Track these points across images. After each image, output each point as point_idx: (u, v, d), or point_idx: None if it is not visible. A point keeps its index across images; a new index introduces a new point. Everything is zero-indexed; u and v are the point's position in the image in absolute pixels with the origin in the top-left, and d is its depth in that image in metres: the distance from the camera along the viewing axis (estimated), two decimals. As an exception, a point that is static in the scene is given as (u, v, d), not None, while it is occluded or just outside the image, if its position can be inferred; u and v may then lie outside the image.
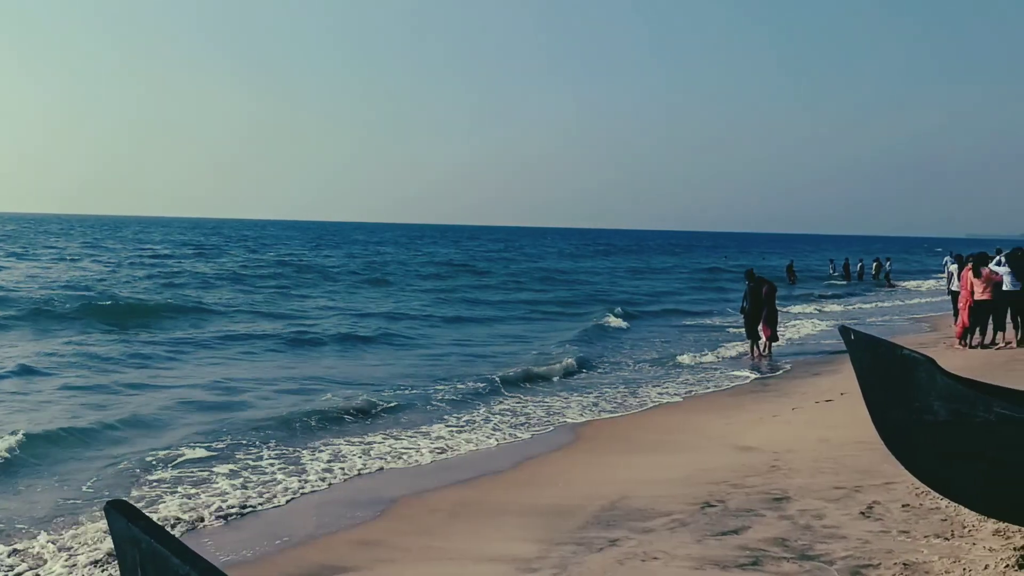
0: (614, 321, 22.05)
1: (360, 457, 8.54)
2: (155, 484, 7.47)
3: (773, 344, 16.23)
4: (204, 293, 27.19)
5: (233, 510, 6.83)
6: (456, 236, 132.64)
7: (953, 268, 17.76)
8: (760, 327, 16.08)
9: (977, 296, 14.44)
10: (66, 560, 5.69)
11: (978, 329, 14.76)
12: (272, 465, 8.14)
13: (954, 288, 17.16)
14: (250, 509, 6.90)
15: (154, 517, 6.20)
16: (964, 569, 4.31)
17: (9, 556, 5.79)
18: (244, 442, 8.88)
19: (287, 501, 7.13)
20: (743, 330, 16.78)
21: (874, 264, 44.41)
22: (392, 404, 10.90)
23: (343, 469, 8.09)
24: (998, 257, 15.48)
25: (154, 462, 8.06)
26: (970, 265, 14.87)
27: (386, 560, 5.65)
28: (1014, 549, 4.45)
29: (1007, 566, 4.25)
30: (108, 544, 5.69)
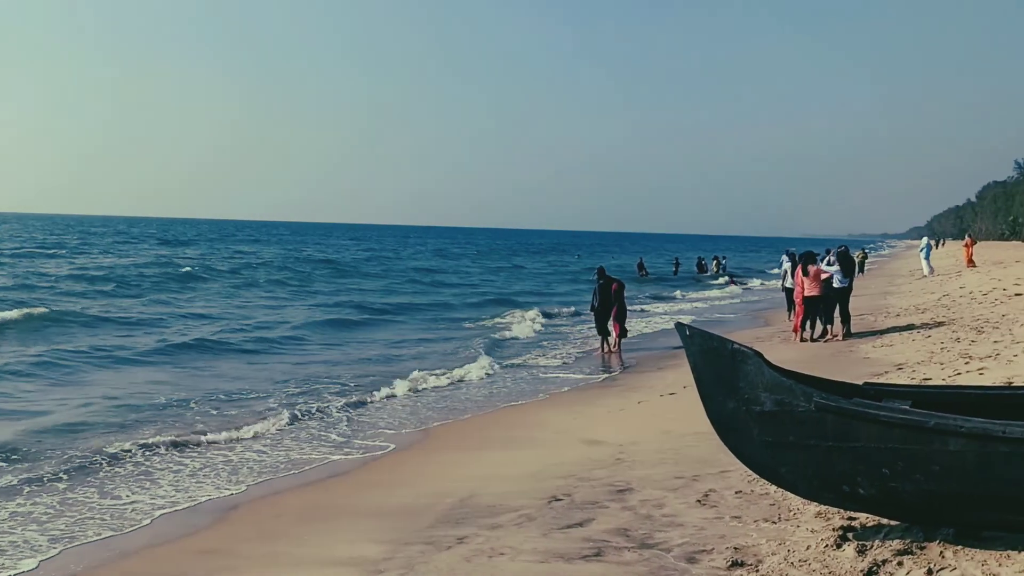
0: (516, 326, 21.38)
1: (199, 464, 8.22)
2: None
3: (622, 340, 16.72)
4: (50, 297, 24.97)
5: (54, 530, 6.36)
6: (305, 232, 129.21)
7: (787, 266, 18.86)
8: (610, 323, 16.56)
9: (806, 292, 15.40)
10: None
11: (808, 323, 15.73)
12: (96, 481, 7.67)
13: (788, 285, 18.23)
14: (75, 523, 6.48)
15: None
16: (788, 550, 4.56)
17: None
18: (69, 460, 8.23)
19: (116, 514, 6.74)
20: (594, 327, 17.23)
21: (713, 262, 47.12)
22: (243, 412, 10.50)
23: (181, 476, 7.76)
24: (829, 256, 16.57)
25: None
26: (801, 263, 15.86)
27: (225, 568, 5.43)
28: (833, 530, 4.75)
29: (827, 546, 4.53)
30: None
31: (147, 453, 8.54)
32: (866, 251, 52.78)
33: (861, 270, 38.99)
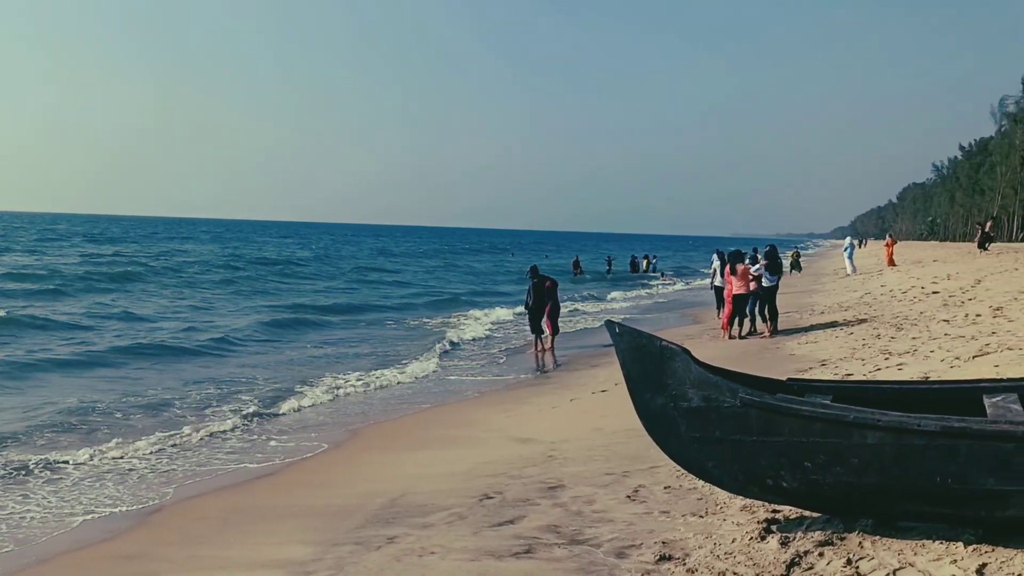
0: (457, 326, 20.98)
1: (124, 465, 7.98)
2: None
3: (555, 337, 16.81)
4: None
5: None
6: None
7: (717, 265, 19.22)
8: (544, 321, 16.63)
9: (735, 290, 15.71)
10: None
11: (736, 320, 16.05)
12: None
13: (717, 283, 18.58)
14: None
15: None
16: (715, 543, 4.63)
17: None
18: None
19: (32, 519, 6.50)
20: (527, 325, 17.30)
21: (644, 260, 48.12)
22: (166, 416, 10.26)
23: (93, 483, 7.53)
24: (757, 256, 16.92)
25: None
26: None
27: (148, 573, 5.28)
28: (758, 523, 4.84)
29: (751, 539, 4.62)
30: None
31: (52, 462, 8.15)
32: (798, 249, 54.19)
33: (798, 268, 40.05)
